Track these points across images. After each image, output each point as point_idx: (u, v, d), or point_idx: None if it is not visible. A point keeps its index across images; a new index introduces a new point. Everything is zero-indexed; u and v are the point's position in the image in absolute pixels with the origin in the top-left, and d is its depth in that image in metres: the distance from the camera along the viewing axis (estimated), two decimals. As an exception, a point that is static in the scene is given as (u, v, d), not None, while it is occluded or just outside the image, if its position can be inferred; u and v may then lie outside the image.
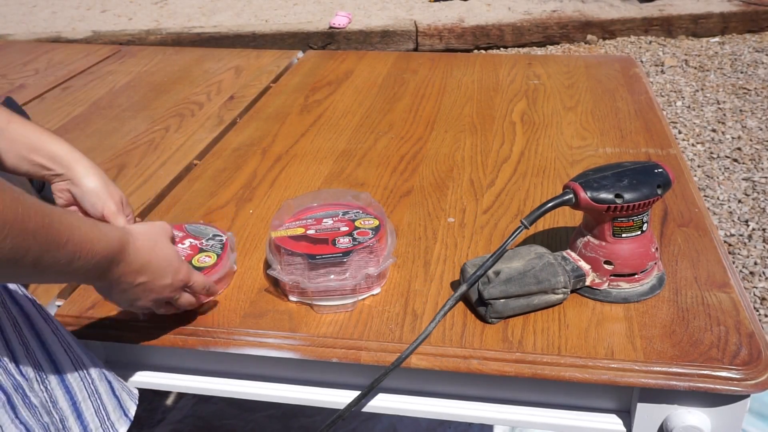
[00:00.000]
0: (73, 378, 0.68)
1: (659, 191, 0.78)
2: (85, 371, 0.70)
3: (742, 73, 3.38)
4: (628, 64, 1.53)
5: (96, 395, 0.71)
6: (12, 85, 1.51)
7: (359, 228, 0.85)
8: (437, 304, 0.81)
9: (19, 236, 0.52)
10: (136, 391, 0.77)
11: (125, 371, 0.86)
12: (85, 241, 0.59)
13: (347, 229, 0.85)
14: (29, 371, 0.64)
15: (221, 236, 0.88)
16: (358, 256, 0.81)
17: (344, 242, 0.82)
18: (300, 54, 1.68)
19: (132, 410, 0.75)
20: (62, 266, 0.58)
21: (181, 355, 0.84)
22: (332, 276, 0.80)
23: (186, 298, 0.75)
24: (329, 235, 0.84)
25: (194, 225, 0.91)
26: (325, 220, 0.87)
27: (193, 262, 0.83)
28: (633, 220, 0.78)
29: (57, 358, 0.67)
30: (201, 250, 0.85)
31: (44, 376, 0.66)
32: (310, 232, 0.85)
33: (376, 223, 0.86)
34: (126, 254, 0.65)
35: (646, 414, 0.74)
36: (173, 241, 0.75)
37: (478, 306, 0.78)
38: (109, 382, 0.73)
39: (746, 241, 2.20)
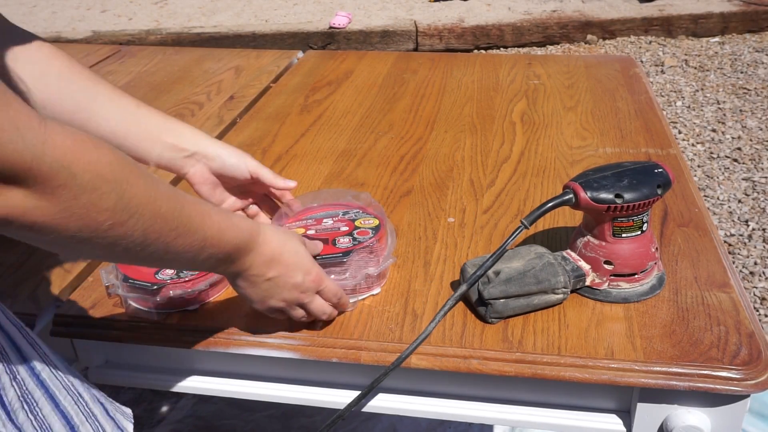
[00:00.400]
0: (67, 402, 0.66)
1: (659, 191, 0.78)
2: (78, 395, 0.68)
3: (742, 73, 3.38)
4: (628, 64, 1.53)
5: (93, 417, 0.69)
6: (12, 85, 1.51)
7: (359, 228, 0.85)
8: (437, 304, 0.81)
9: (150, 219, 0.54)
10: (129, 411, 0.76)
11: (125, 371, 0.86)
12: (216, 229, 0.61)
13: (347, 228, 0.85)
14: (14, 402, 0.62)
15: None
16: (358, 256, 0.81)
17: (344, 242, 0.82)
18: (300, 54, 1.68)
19: (129, 429, 0.74)
20: (193, 253, 0.60)
21: (181, 355, 0.84)
22: (332, 276, 0.80)
23: (318, 304, 0.75)
24: (329, 235, 0.84)
25: None
26: (325, 220, 0.87)
27: None
28: (633, 220, 0.78)
29: (48, 384, 0.66)
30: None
31: (34, 404, 0.64)
32: (311, 232, 0.85)
33: (376, 222, 0.86)
34: (256, 245, 0.67)
35: (646, 414, 0.74)
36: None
37: (478, 306, 0.78)
38: (102, 404, 0.72)
39: (746, 241, 2.20)
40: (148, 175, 0.55)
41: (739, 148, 2.70)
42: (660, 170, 0.79)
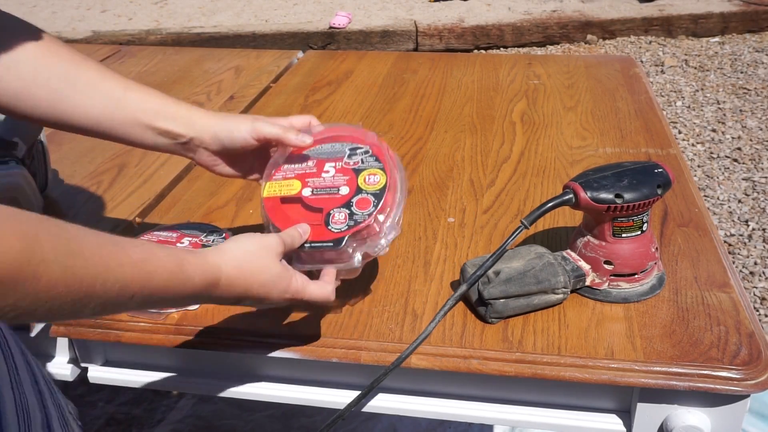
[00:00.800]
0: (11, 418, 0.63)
1: (659, 191, 0.78)
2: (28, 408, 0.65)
3: (742, 73, 3.38)
4: (628, 64, 1.53)
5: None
6: (12, 85, 1.51)
7: (361, 191, 0.75)
8: (437, 304, 0.81)
9: (67, 304, 0.48)
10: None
11: (125, 371, 0.86)
12: (163, 288, 0.56)
13: (347, 192, 0.75)
14: None
15: (219, 231, 0.88)
16: (353, 239, 0.72)
17: (339, 220, 0.73)
18: (300, 54, 1.68)
19: None
20: (135, 309, 0.56)
21: (181, 355, 0.84)
22: (326, 255, 0.73)
23: (303, 307, 0.72)
24: (325, 202, 0.74)
25: (185, 225, 0.91)
26: (327, 166, 0.77)
27: None
28: (633, 220, 0.78)
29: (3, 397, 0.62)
30: (204, 246, 0.85)
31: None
32: (306, 192, 0.75)
33: (382, 182, 0.75)
34: (217, 289, 0.62)
35: (646, 414, 0.74)
36: (285, 253, 0.69)
37: (478, 306, 0.78)
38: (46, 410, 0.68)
39: (746, 241, 2.20)
40: (70, 252, 0.48)
41: (739, 148, 2.70)
42: (660, 170, 0.79)
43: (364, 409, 0.80)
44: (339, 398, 0.81)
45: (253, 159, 0.81)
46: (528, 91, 1.40)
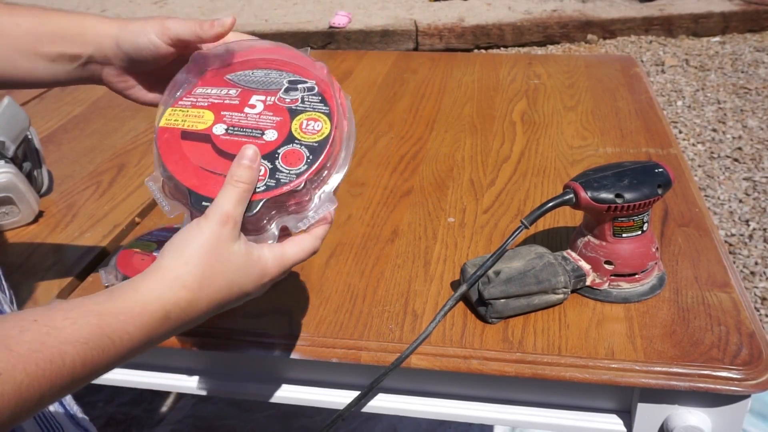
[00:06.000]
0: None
1: (660, 191, 0.78)
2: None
3: (742, 72, 3.38)
4: (628, 63, 1.52)
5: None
6: (12, 85, 1.51)
7: (293, 140, 0.56)
8: (437, 304, 0.81)
9: (25, 402, 0.43)
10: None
11: (125, 371, 0.86)
12: (84, 369, 0.47)
13: (274, 138, 0.56)
14: None
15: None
16: (271, 205, 0.55)
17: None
18: (300, 54, 1.67)
19: None
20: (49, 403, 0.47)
21: (180, 356, 0.84)
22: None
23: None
24: (243, 144, 0.56)
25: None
26: (254, 99, 0.58)
27: None
28: (633, 219, 0.78)
29: None
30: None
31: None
32: (218, 129, 0.57)
33: (324, 132, 0.56)
34: (168, 323, 0.53)
35: (647, 414, 0.74)
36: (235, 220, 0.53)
37: (478, 306, 0.78)
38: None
39: (747, 240, 2.20)
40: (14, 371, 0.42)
41: (739, 148, 2.70)
42: (660, 170, 0.79)
43: (364, 409, 0.80)
44: (339, 398, 0.81)
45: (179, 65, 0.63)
46: (528, 90, 1.40)
